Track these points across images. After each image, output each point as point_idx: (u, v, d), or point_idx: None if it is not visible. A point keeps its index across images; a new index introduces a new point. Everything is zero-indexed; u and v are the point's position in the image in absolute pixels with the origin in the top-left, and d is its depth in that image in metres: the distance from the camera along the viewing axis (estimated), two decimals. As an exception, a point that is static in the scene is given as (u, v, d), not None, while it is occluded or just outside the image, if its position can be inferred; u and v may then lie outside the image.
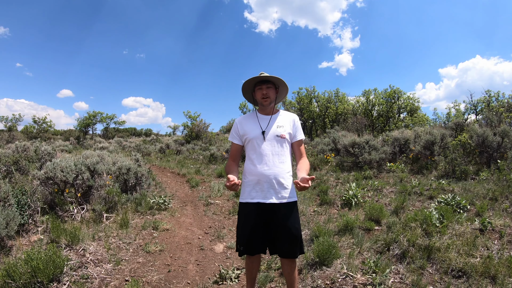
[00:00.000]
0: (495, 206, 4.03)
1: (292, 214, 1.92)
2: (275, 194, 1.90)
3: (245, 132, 2.02)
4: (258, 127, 2.00)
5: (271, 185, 1.91)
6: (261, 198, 1.91)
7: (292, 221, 1.90)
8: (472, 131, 6.79)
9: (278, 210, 1.90)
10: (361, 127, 17.36)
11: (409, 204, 4.42)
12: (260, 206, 1.91)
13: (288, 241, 1.90)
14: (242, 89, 2.11)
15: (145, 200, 4.82)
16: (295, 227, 1.91)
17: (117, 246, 3.37)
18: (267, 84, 2.01)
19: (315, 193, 5.50)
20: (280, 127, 2.00)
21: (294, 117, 2.10)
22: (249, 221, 1.93)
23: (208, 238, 3.83)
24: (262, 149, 1.94)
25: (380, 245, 3.18)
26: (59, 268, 2.48)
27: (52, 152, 7.83)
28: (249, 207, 1.94)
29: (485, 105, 16.42)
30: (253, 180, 1.94)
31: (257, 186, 1.92)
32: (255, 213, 1.91)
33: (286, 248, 1.91)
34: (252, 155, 1.98)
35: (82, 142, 23.76)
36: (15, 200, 3.34)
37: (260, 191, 1.92)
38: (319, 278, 2.64)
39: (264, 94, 2.00)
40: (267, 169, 1.91)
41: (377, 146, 7.88)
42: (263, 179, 1.91)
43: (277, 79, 2.00)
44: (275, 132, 1.97)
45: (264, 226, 1.93)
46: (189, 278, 2.83)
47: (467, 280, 2.46)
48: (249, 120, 2.07)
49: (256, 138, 1.97)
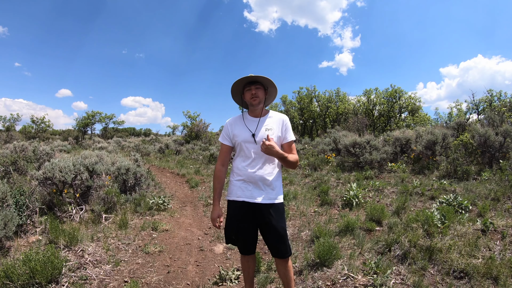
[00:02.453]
0: (497, 206, 4.01)
1: (278, 214, 1.95)
2: (260, 195, 1.93)
3: (235, 134, 2.04)
4: (247, 130, 2.01)
5: (257, 186, 1.94)
6: (246, 197, 1.95)
7: (278, 221, 1.93)
8: (474, 131, 6.76)
9: (265, 211, 1.93)
10: (362, 127, 17.33)
11: (410, 204, 4.39)
12: (246, 205, 1.95)
13: (276, 241, 1.94)
14: (232, 91, 2.11)
15: (144, 200, 4.80)
16: (282, 227, 1.95)
17: (116, 247, 3.35)
18: (255, 84, 2.01)
19: (316, 193, 5.48)
20: (268, 129, 2.00)
21: (284, 118, 2.09)
22: (235, 216, 1.99)
23: (208, 239, 3.81)
24: (250, 151, 1.97)
25: (381, 246, 3.15)
26: (57, 269, 2.46)
27: (51, 152, 7.82)
28: (235, 205, 2.00)
29: (487, 105, 16.38)
30: (240, 180, 1.99)
31: (243, 185, 1.96)
32: (242, 210, 1.96)
33: (275, 248, 1.96)
34: (241, 156, 2.03)
35: (80, 142, 23.75)
36: (13, 201, 3.32)
37: (246, 190, 1.96)
38: (320, 279, 2.62)
39: (253, 94, 1.99)
40: (254, 171, 1.94)
41: (378, 146, 7.85)
42: (250, 180, 1.95)
43: (266, 79, 1.99)
44: (264, 135, 1.97)
45: (254, 226, 1.99)
46: (189, 279, 2.81)
47: (469, 281, 2.44)
48: (238, 122, 2.07)
49: (245, 141, 1.99)
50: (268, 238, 1.96)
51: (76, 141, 24.17)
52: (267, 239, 1.97)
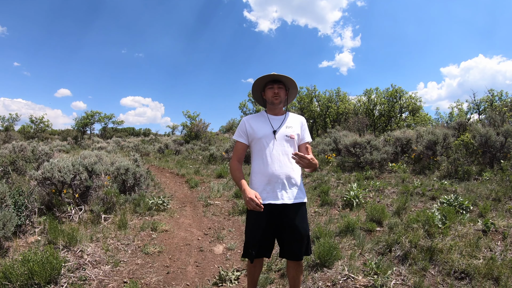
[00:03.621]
0: (498, 207, 3.99)
1: (302, 214, 1.91)
2: (286, 194, 1.88)
3: (254, 131, 1.98)
4: (268, 126, 1.98)
5: (282, 185, 1.88)
6: (272, 199, 1.87)
7: (301, 221, 1.88)
8: (475, 130, 6.74)
9: (288, 211, 1.87)
10: (363, 127, 17.29)
11: (411, 204, 4.38)
12: (271, 207, 1.88)
13: (296, 242, 1.87)
14: (252, 88, 2.11)
15: (143, 200, 4.78)
16: (304, 227, 1.89)
17: (116, 247, 3.34)
18: (278, 84, 2.00)
19: (316, 193, 5.46)
20: (289, 127, 1.99)
21: (302, 119, 2.11)
22: (260, 224, 1.87)
23: (208, 239, 3.79)
24: (272, 148, 1.92)
25: (382, 246, 3.14)
26: (56, 270, 2.45)
27: (50, 152, 7.81)
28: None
29: (488, 105, 16.35)
30: (263, 181, 1.90)
31: (268, 186, 1.88)
32: (266, 214, 1.86)
33: (294, 250, 1.89)
34: (261, 155, 1.94)
35: (80, 142, 23.70)
36: (12, 201, 3.31)
37: (271, 192, 1.88)
38: (320, 280, 2.62)
39: (276, 93, 1.99)
40: (278, 169, 1.89)
41: (379, 146, 7.83)
42: (274, 179, 1.88)
43: (289, 79, 1.99)
44: (285, 132, 1.96)
45: (275, 228, 1.91)
46: (188, 279, 2.80)
47: (469, 282, 2.43)
48: (258, 119, 2.04)
49: (266, 137, 1.95)
50: (287, 240, 1.88)
51: (75, 141, 24.12)
52: (285, 240, 1.89)
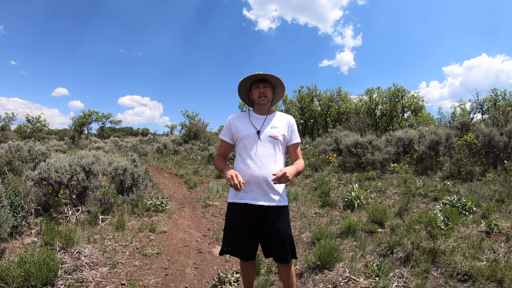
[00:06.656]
0: (501, 208, 3.95)
1: (282, 217, 1.87)
2: (264, 196, 1.85)
3: (238, 130, 1.96)
4: (252, 126, 1.95)
5: (261, 186, 1.85)
6: (249, 199, 1.86)
7: (282, 225, 1.85)
8: (478, 130, 6.69)
9: (268, 213, 1.85)
10: (364, 127, 17.25)
11: (413, 206, 4.34)
12: (248, 207, 1.86)
13: (278, 245, 1.85)
14: (238, 88, 2.06)
15: (141, 201, 4.75)
16: (285, 231, 1.86)
17: (113, 248, 3.30)
18: (264, 83, 1.96)
19: (317, 194, 5.42)
20: (274, 128, 1.95)
21: (290, 119, 2.05)
22: (236, 222, 1.90)
23: (207, 241, 3.75)
24: (253, 149, 1.89)
25: (384, 248, 3.11)
26: (53, 272, 2.42)
27: (46, 152, 7.78)
28: (236, 208, 1.90)
29: (492, 104, 16.26)
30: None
31: (246, 186, 1.85)
32: (243, 214, 1.87)
33: (277, 253, 1.87)
34: (243, 155, 1.93)
35: (77, 142, 23.54)
36: (8, 202, 3.27)
37: (249, 192, 1.86)
38: (321, 282, 2.58)
39: (262, 93, 1.95)
40: (257, 170, 1.85)
41: (381, 146, 7.78)
42: (253, 180, 1.85)
43: (275, 78, 1.94)
44: (269, 133, 1.92)
45: (255, 229, 1.89)
46: (187, 282, 2.76)
47: (473, 284, 2.39)
48: (242, 119, 2.01)
49: (248, 137, 1.92)
50: (271, 244, 1.87)
51: (72, 141, 23.96)
52: (269, 244, 1.88)
